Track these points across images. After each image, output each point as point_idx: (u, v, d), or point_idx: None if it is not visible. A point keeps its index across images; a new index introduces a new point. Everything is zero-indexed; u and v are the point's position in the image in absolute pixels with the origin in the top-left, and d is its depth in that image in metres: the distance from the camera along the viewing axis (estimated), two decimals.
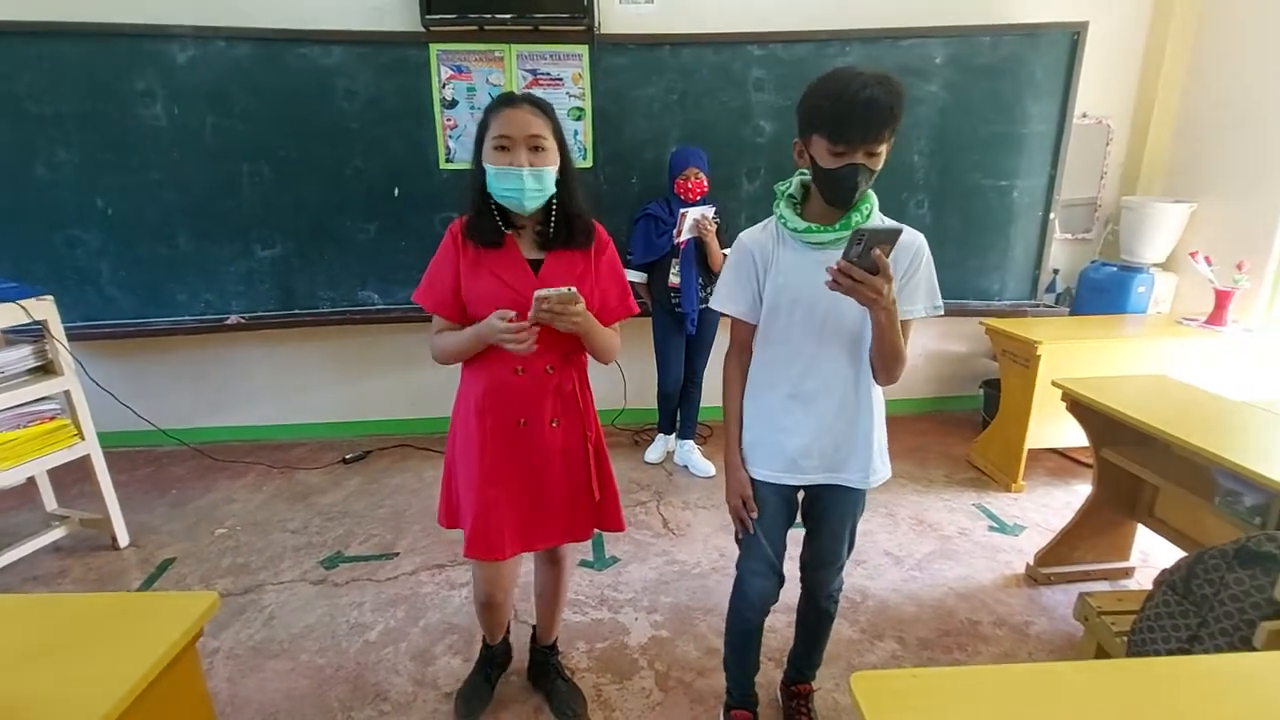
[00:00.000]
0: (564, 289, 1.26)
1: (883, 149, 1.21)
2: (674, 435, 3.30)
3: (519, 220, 1.39)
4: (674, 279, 2.88)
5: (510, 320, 1.28)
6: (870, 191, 1.30)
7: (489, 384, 1.42)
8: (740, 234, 1.44)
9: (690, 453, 3.20)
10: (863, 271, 1.13)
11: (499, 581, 1.56)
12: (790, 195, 1.37)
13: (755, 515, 1.44)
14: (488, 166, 1.32)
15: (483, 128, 1.34)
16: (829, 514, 1.48)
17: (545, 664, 1.82)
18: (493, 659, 1.81)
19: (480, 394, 1.42)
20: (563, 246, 1.41)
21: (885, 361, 1.29)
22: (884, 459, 1.45)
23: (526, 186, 1.31)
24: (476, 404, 1.43)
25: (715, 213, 2.79)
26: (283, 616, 2.15)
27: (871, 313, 1.22)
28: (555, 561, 1.71)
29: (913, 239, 1.30)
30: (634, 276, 2.99)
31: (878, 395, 1.40)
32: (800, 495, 1.49)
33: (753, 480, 1.44)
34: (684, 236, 2.77)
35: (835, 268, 1.15)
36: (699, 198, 2.84)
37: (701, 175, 2.82)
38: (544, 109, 1.34)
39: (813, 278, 1.26)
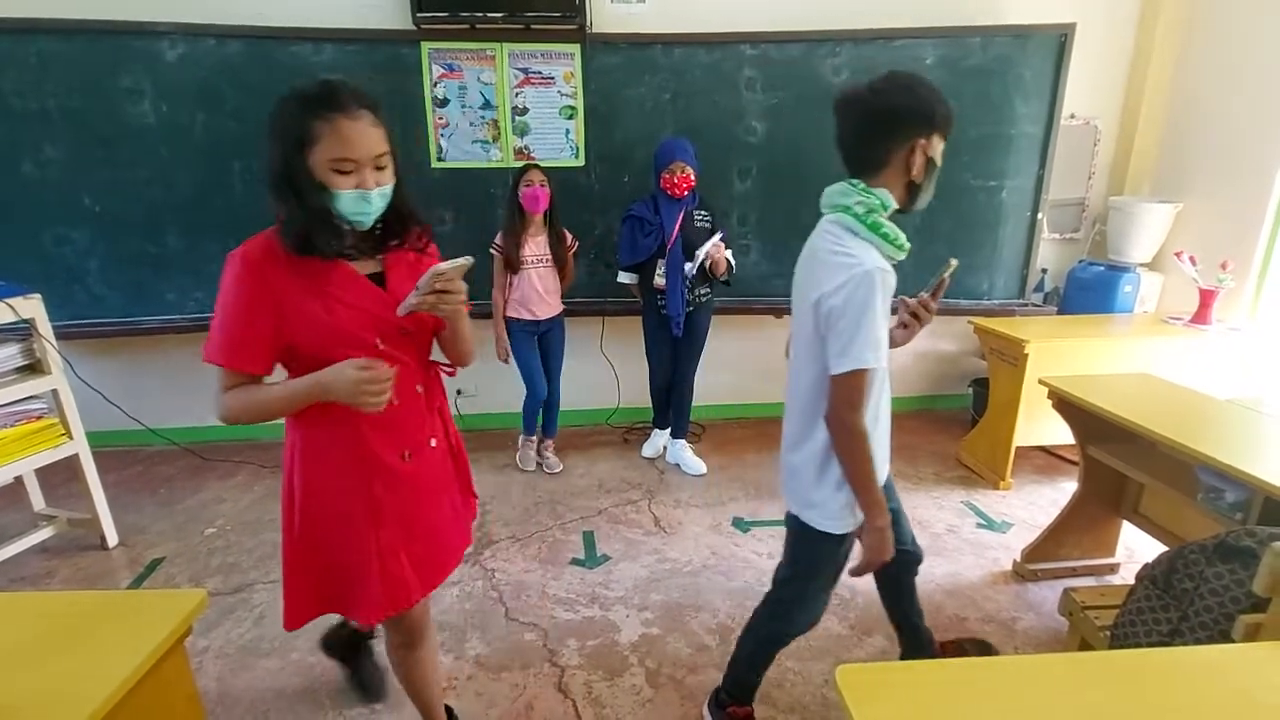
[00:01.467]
0: (462, 259, 1.12)
1: None
2: (666, 431, 3.30)
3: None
4: (659, 280, 2.84)
5: (365, 369, 1.07)
6: None
7: (362, 425, 1.19)
8: (865, 267, 1.18)
9: (682, 451, 3.19)
10: (931, 301, 1.32)
11: (418, 625, 1.41)
12: (889, 208, 1.26)
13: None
14: (333, 191, 1.09)
15: (307, 132, 1.07)
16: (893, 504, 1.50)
17: (358, 646, 1.85)
18: (358, 640, 1.84)
19: (353, 440, 1.21)
20: (398, 248, 1.23)
21: None
22: None
23: (375, 207, 1.13)
24: (353, 452, 1.22)
25: (722, 237, 2.78)
26: (273, 615, 2.14)
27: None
28: (420, 637, 1.55)
29: None
30: (624, 278, 3.00)
31: None
32: None
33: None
34: (694, 268, 2.76)
35: (926, 302, 1.30)
36: (686, 193, 2.77)
37: (689, 169, 2.72)
38: (378, 112, 1.13)
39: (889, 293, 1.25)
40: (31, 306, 2.27)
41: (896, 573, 1.63)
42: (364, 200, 1.11)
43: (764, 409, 3.76)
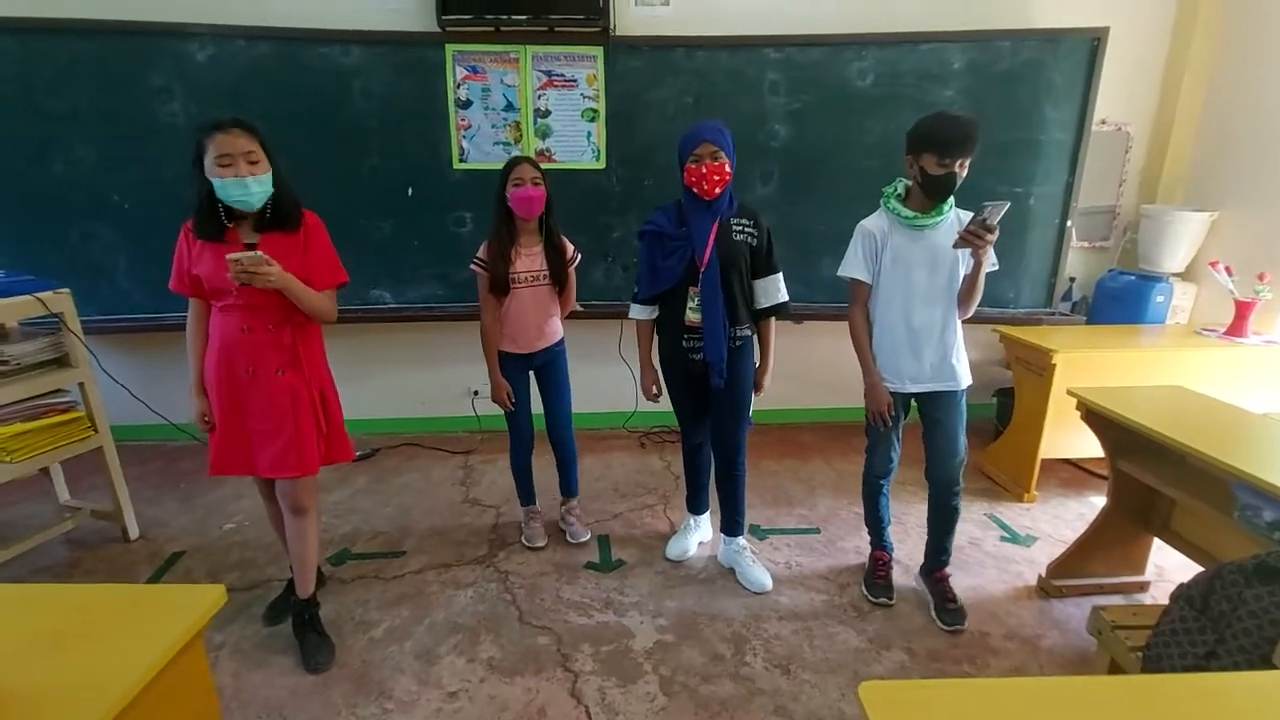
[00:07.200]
0: (251, 252, 1.63)
1: (968, 163, 1.82)
2: (703, 517, 2.53)
3: (239, 213, 1.74)
4: (692, 315, 2.10)
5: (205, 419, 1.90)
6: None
7: (226, 340, 1.78)
8: (861, 222, 2.03)
9: (739, 555, 2.36)
10: (982, 229, 1.75)
11: (288, 497, 1.89)
12: (898, 194, 1.97)
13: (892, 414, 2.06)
14: (215, 180, 1.66)
15: (200, 148, 1.68)
16: (938, 417, 2.09)
17: (299, 617, 2.00)
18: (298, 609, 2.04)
19: (218, 348, 1.81)
20: (276, 230, 1.76)
21: (971, 298, 1.95)
22: (966, 368, 2.09)
23: (253, 191, 1.68)
24: (217, 356, 1.80)
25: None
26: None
27: (978, 259, 1.83)
28: (296, 511, 1.92)
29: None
30: (638, 313, 2.24)
31: (959, 325, 2.05)
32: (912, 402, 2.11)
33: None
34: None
35: (969, 229, 1.76)
36: (719, 191, 2.01)
37: (722, 156, 1.98)
38: (250, 129, 1.69)
39: (915, 249, 1.96)
40: (60, 301, 2.31)
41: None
42: (242, 186, 1.66)
43: (783, 415, 3.73)
